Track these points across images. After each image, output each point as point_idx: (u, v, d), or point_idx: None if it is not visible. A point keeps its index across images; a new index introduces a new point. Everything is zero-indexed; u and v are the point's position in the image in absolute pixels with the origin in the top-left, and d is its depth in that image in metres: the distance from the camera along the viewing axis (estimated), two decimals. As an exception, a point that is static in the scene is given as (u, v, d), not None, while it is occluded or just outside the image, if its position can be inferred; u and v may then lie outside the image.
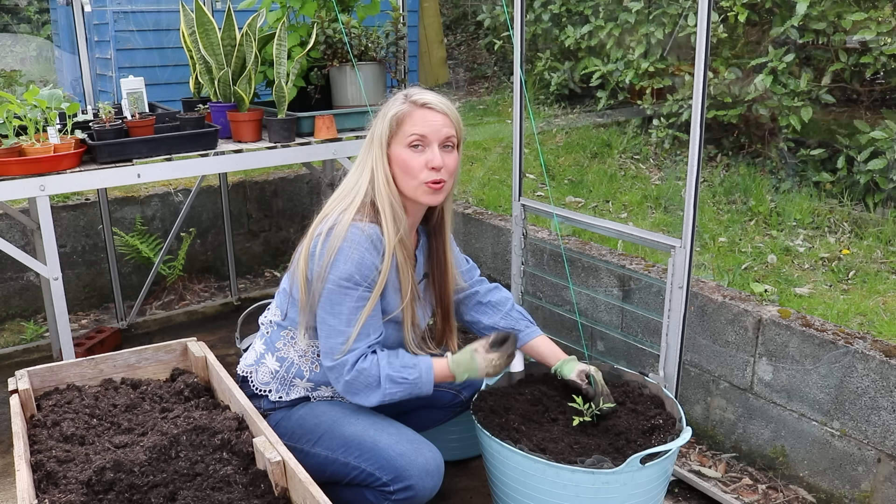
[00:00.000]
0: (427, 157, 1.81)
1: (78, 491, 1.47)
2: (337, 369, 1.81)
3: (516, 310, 2.14)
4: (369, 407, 1.85)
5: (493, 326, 2.13)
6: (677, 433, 1.90)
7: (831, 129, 3.92)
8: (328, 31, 2.82)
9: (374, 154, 1.85)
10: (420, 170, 1.82)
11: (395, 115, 1.82)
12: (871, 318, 2.44)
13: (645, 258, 2.84)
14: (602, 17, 4.76)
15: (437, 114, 1.83)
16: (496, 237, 3.34)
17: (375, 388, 1.81)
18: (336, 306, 1.78)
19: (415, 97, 1.84)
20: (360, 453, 1.81)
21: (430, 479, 1.79)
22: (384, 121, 1.84)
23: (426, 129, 1.81)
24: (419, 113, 1.82)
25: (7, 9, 8.14)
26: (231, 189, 4.02)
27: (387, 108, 1.86)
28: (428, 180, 1.82)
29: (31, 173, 2.28)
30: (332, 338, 1.80)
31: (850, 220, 3.30)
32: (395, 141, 1.83)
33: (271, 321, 1.98)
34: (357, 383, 1.80)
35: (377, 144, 1.85)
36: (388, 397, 1.82)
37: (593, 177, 4.05)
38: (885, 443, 2.12)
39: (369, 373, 1.80)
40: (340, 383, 1.82)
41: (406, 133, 1.81)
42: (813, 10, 3.57)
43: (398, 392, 1.83)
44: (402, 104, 1.83)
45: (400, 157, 1.82)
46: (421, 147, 1.82)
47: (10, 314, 3.70)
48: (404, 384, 1.83)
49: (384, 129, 1.83)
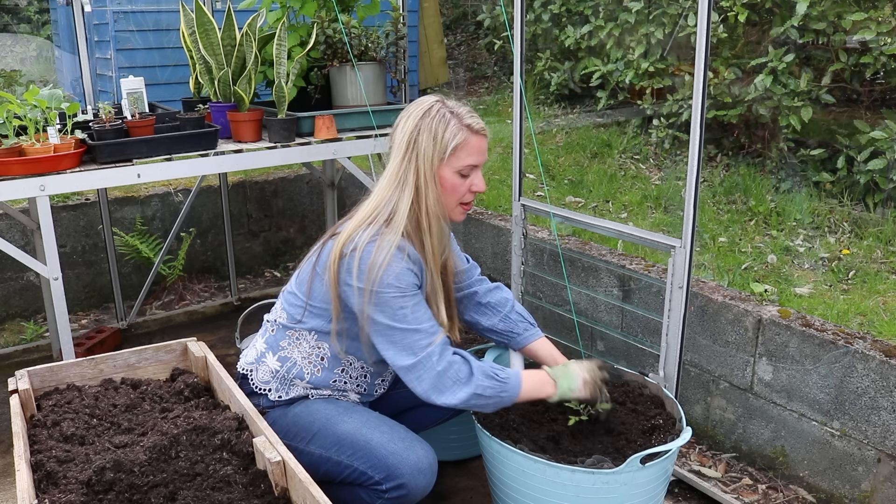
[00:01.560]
0: (472, 182, 1.87)
1: (78, 491, 1.47)
2: (422, 363, 1.76)
3: (516, 311, 2.14)
4: (452, 406, 1.78)
5: (491, 328, 2.13)
6: (677, 433, 1.90)
7: (831, 129, 3.92)
8: (328, 31, 2.82)
9: (423, 173, 1.82)
10: (464, 193, 1.87)
11: (456, 144, 1.82)
12: (871, 318, 2.44)
13: (645, 258, 2.84)
14: (602, 17, 4.76)
15: (485, 139, 1.87)
16: (496, 237, 3.34)
17: (466, 381, 1.77)
18: (398, 311, 1.76)
19: (469, 121, 1.84)
20: (353, 452, 1.80)
21: (422, 478, 1.78)
22: (437, 142, 1.81)
23: (480, 160, 1.86)
24: (475, 142, 1.84)
25: (7, 9, 8.14)
26: (231, 189, 4.02)
27: (435, 125, 1.82)
28: (465, 202, 1.89)
29: (31, 173, 2.28)
30: (408, 337, 1.77)
31: (850, 220, 3.30)
32: (446, 164, 1.83)
33: (276, 321, 1.97)
34: (448, 376, 1.76)
35: (425, 164, 1.82)
36: (480, 391, 1.77)
37: (593, 177, 4.05)
38: (885, 443, 2.12)
39: (460, 366, 1.78)
40: (427, 379, 1.76)
41: (461, 161, 1.83)
42: (813, 10, 3.57)
43: (489, 387, 1.78)
44: (458, 130, 1.82)
45: (449, 180, 1.84)
46: (469, 174, 1.86)
47: (10, 314, 3.70)
48: (496, 380, 1.79)
49: (437, 150, 1.81)
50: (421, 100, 1.89)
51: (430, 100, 1.87)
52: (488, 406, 1.81)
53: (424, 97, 1.89)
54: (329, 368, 1.92)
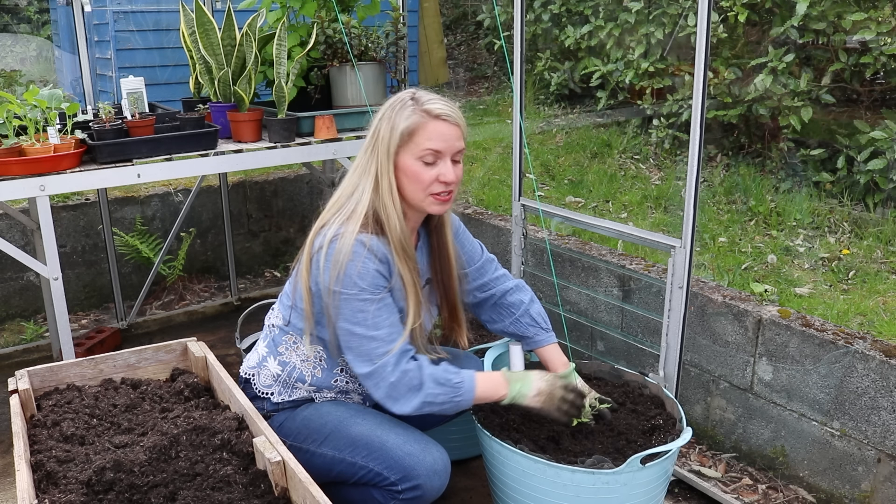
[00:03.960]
0: (439, 171, 1.76)
1: (78, 491, 1.47)
2: (377, 373, 1.74)
3: (529, 315, 2.09)
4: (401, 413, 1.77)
5: (503, 331, 2.12)
6: (677, 433, 1.90)
7: (831, 129, 3.92)
8: (328, 31, 2.82)
9: (379, 161, 1.77)
10: (430, 182, 1.77)
11: (407, 127, 1.74)
12: (871, 318, 2.44)
13: (645, 258, 2.84)
14: (602, 17, 4.76)
15: (451, 126, 1.77)
16: (496, 237, 3.34)
17: (417, 389, 1.74)
18: (358, 314, 1.74)
19: (427, 105, 1.75)
20: (368, 453, 1.80)
21: (437, 479, 1.78)
22: (392, 128, 1.75)
23: (441, 145, 1.75)
24: (433, 126, 1.75)
25: (7, 9, 8.15)
26: (231, 189, 4.02)
27: (394, 112, 1.76)
28: (437, 192, 1.79)
29: (31, 173, 2.28)
30: (364, 344, 1.75)
31: (850, 220, 3.30)
32: (404, 150, 1.76)
33: (274, 324, 1.96)
34: (401, 386, 1.74)
35: (383, 151, 1.76)
36: (430, 398, 1.75)
37: (593, 177, 4.05)
38: (885, 443, 2.12)
39: (412, 375, 1.75)
40: (383, 387, 1.75)
41: (419, 146, 1.75)
42: (813, 10, 3.57)
43: (440, 394, 1.76)
44: (412, 113, 1.75)
45: (410, 168, 1.76)
46: (433, 160, 1.77)
47: (10, 314, 3.70)
48: (447, 386, 1.77)
49: (393, 137, 1.75)
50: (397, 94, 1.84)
51: (403, 93, 1.81)
52: (445, 410, 1.79)
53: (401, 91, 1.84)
54: (328, 369, 1.92)
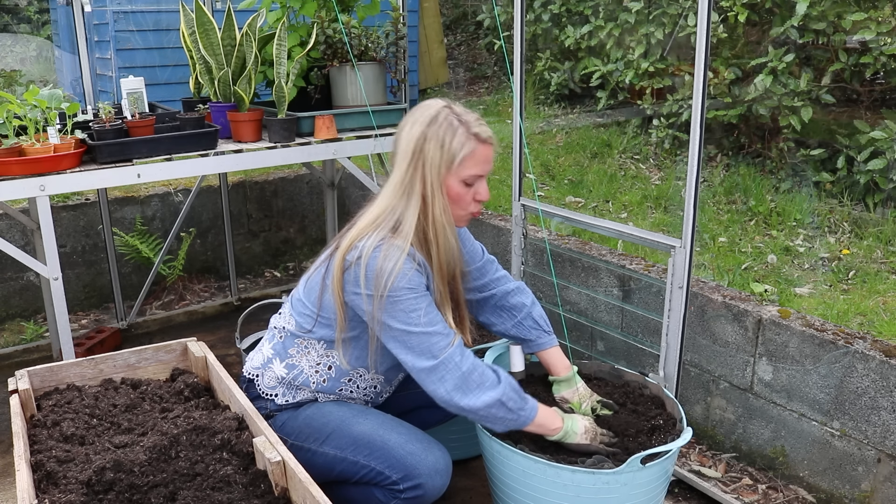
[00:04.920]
0: (475, 191, 1.83)
1: (78, 491, 1.47)
2: (444, 364, 1.73)
3: (532, 318, 2.09)
4: (474, 409, 1.74)
5: (504, 333, 2.11)
6: (678, 433, 1.90)
7: (831, 129, 3.92)
8: (328, 31, 2.82)
9: (429, 183, 1.77)
10: (469, 202, 1.84)
11: (465, 155, 1.77)
12: (871, 318, 2.44)
13: (645, 258, 2.84)
14: (602, 17, 4.76)
15: (492, 149, 1.83)
16: (496, 237, 3.34)
17: (493, 386, 1.74)
18: (411, 314, 1.73)
19: (475, 129, 1.79)
20: (370, 452, 1.80)
21: (439, 479, 1.79)
22: (444, 152, 1.76)
23: (486, 170, 1.82)
24: (482, 151, 1.80)
25: (7, 9, 8.15)
26: (231, 189, 4.02)
27: (443, 133, 1.77)
28: (473, 211, 1.86)
29: (31, 173, 2.28)
30: (425, 341, 1.73)
31: (850, 220, 3.30)
32: (452, 174, 1.79)
33: (284, 328, 1.94)
34: (473, 377, 1.73)
35: (433, 174, 1.77)
36: (504, 399, 1.73)
37: (593, 177, 4.05)
38: (885, 443, 2.12)
39: (485, 371, 1.75)
40: (452, 378, 1.73)
41: (467, 170, 1.79)
42: (813, 10, 3.57)
43: (512, 400, 1.75)
44: (466, 139, 1.77)
45: (454, 190, 1.80)
46: (473, 182, 1.82)
47: (10, 314, 3.70)
48: (519, 396, 1.77)
49: (444, 160, 1.77)
50: (427, 104, 1.82)
51: (437, 105, 1.81)
52: (505, 420, 1.77)
53: (430, 101, 1.83)
54: (336, 378, 1.91)
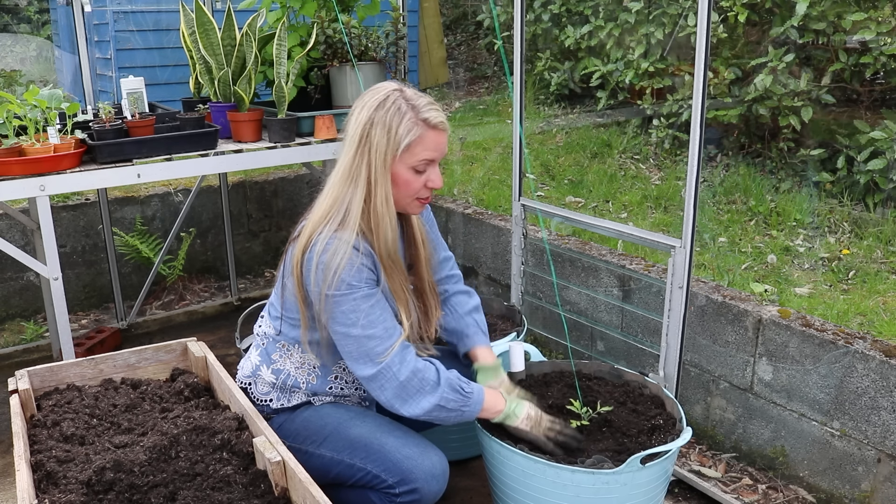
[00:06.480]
0: (427, 178, 1.78)
1: (78, 491, 1.47)
2: (383, 373, 1.71)
3: (472, 317, 2.07)
4: (409, 416, 1.74)
5: (444, 327, 2.07)
6: (677, 433, 1.90)
7: (831, 129, 3.91)
8: (328, 31, 2.82)
9: (374, 169, 1.73)
10: (419, 189, 1.79)
11: (410, 141, 1.72)
12: (871, 318, 2.44)
13: (645, 258, 2.84)
14: (602, 17, 4.76)
15: (445, 134, 1.78)
16: (496, 237, 3.34)
17: (432, 390, 1.72)
18: (350, 315, 1.71)
19: (424, 114, 1.72)
20: (367, 455, 1.79)
21: (435, 483, 1.77)
22: (390, 138, 1.71)
23: (436, 155, 1.77)
24: (431, 136, 1.74)
25: (7, 9, 8.15)
26: (231, 189, 4.02)
27: (389, 118, 1.71)
28: (422, 196, 1.81)
29: (31, 173, 2.28)
30: (363, 345, 1.71)
31: (850, 220, 3.30)
32: (400, 160, 1.74)
33: (266, 333, 1.94)
34: (412, 384, 1.72)
35: (378, 161, 1.73)
36: (443, 402, 1.73)
37: (593, 177, 4.05)
38: (885, 443, 2.12)
39: (425, 374, 1.73)
40: (390, 388, 1.72)
41: (416, 157, 1.74)
42: (813, 10, 3.57)
43: (452, 400, 1.74)
44: (413, 125, 1.71)
45: (402, 176, 1.75)
46: (424, 169, 1.78)
47: (10, 314, 3.70)
48: (460, 394, 1.76)
49: (390, 147, 1.72)
50: (378, 87, 1.77)
51: (388, 88, 1.75)
52: (449, 419, 1.77)
53: (382, 84, 1.78)
54: (322, 376, 1.91)
